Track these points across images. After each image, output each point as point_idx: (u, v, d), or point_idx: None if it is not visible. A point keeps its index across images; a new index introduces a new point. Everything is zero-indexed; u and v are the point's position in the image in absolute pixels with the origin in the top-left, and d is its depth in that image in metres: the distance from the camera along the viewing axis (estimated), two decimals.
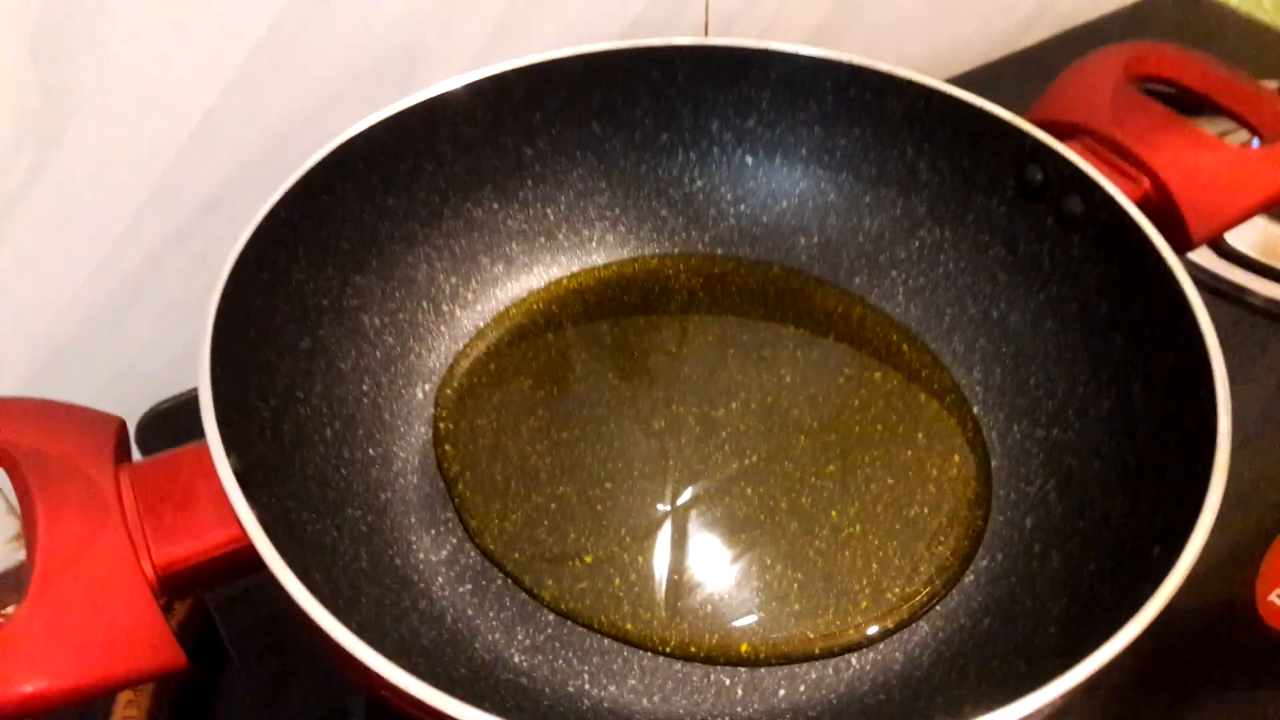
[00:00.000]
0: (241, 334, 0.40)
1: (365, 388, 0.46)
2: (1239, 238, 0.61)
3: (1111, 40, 0.54)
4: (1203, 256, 0.61)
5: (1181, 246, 0.45)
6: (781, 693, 0.38)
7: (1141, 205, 0.43)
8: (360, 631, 0.31)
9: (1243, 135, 0.51)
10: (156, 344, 0.54)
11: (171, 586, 0.32)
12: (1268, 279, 0.60)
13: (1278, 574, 0.45)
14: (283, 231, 0.43)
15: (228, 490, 0.32)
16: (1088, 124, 0.48)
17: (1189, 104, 0.50)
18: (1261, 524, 0.48)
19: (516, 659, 0.39)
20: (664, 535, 0.43)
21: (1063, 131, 0.48)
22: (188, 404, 0.52)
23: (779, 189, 0.53)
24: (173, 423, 0.52)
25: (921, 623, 0.40)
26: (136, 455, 0.39)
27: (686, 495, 0.44)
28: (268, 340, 0.42)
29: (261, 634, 0.45)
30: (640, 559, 0.42)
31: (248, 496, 0.33)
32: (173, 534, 0.33)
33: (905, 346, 0.50)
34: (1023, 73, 0.73)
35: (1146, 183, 0.46)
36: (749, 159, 0.53)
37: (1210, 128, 0.48)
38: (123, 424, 0.35)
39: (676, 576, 0.41)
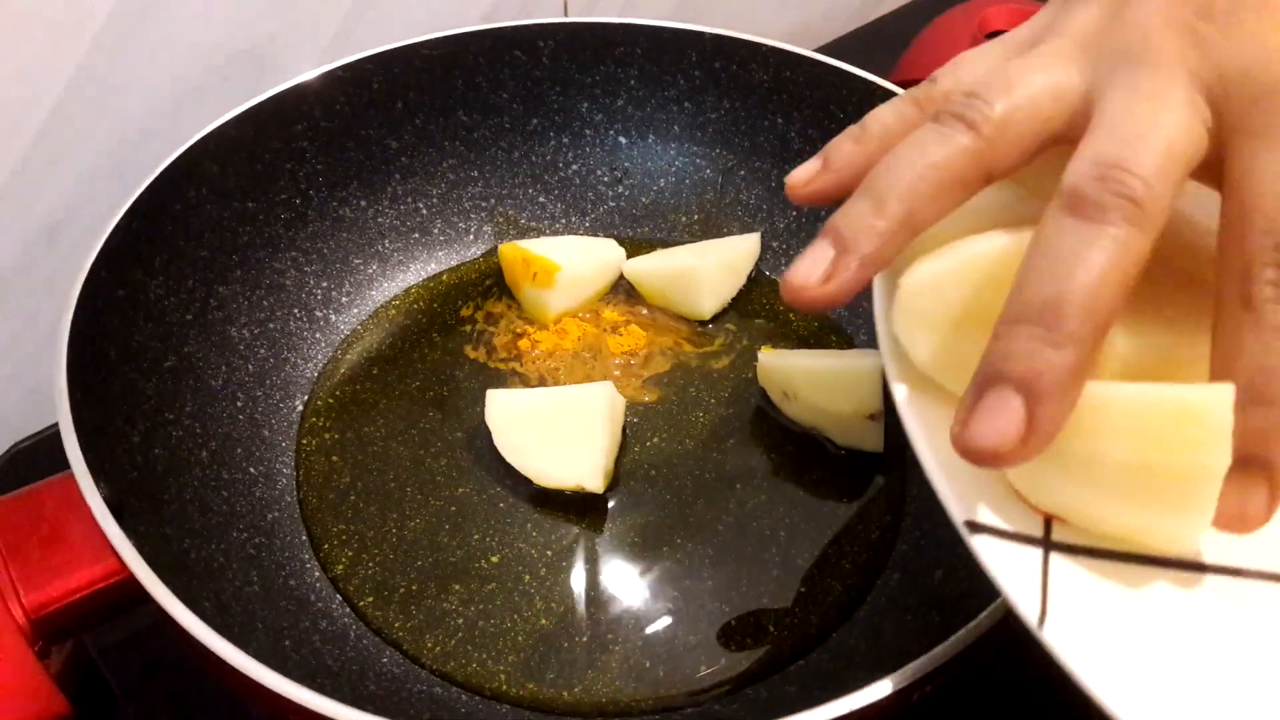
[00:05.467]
0: (100, 356, 0.37)
1: (240, 404, 0.44)
2: None
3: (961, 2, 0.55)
4: None
5: None
6: (704, 670, 0.38)
7: None
8: (260, 657, 0.29)
9: None
10: (7, 381, 0.50)
11: (47, 629, 0.30)
12: None
13: None
14: (135, 243, 0.40)
15: (100, 520, 0.30)
16: None
17: None
18: None
19: (428, 669, 0.38)
20: (571, 526, 0.41)
21: None
22: (49, 440, 0.49)
23: (655, 168, 0.53)
24: (34, 462, 0.49)
25: (833, 583, 0.40)
26: None
27: (592, 484, 0.43)
28: (129, 361, 0.39)
29: (154, 680, 0.42)
30: (549, 552, 0.41)
31: (123, 526, 0.31)
32: (42, 574, 0.30)
33: (792, 315, 0.50)
34: (879, 42, 0.74)
35: None
36: (622, 139, 0.52)
37: None
38: None
39: (588, 566, 0.40)
